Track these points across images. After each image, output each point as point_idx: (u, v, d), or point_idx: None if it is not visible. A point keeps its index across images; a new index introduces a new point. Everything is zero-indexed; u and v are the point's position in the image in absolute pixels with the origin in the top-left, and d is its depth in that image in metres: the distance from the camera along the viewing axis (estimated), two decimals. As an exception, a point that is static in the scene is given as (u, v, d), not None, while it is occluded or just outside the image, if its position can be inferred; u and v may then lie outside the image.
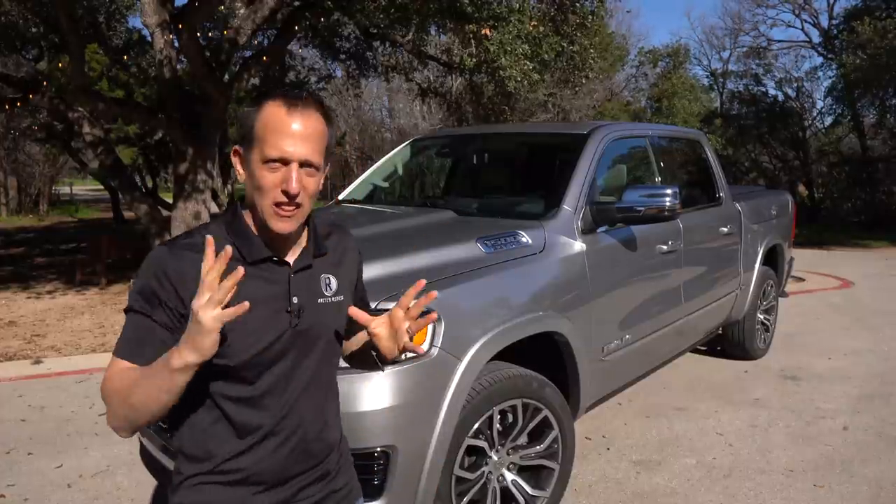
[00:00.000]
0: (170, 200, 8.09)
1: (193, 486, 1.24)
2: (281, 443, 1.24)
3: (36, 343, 5.74)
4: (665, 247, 3.49)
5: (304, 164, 1.16)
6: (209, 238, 1.04)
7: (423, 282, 1.27)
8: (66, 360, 5.21)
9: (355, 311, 1.28)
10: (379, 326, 1.27)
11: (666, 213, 3.01)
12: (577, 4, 7.59)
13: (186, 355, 1.04)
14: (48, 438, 3.67)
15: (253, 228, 1.23)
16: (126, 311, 1.20)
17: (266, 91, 1.18)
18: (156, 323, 1.16)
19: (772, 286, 5.17)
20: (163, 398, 1.09)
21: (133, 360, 1.15)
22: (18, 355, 5.36)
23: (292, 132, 1.14)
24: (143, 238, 8.70)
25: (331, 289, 1.30)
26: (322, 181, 1.26)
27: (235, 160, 1.24)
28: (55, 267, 10.27)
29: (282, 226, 1.18)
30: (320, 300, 1.27)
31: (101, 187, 24.07)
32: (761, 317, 5.08)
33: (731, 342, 5.00)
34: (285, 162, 1.15)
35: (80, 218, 22.09)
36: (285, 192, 1.15)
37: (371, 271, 2.29)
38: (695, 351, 5.14)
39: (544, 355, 2.73)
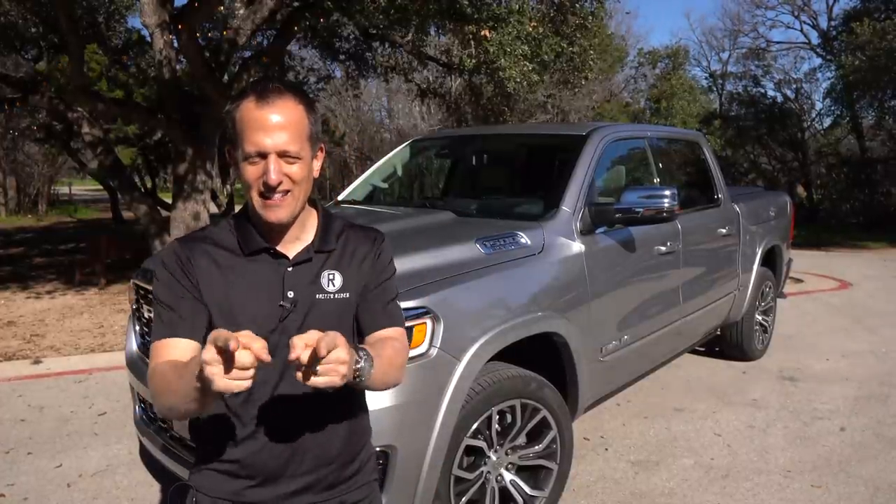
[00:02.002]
0: (169, 201, 8.09)
1: (202, 471, 1.29)
2: (270, 439, 1.24)
3: (35, 343, 5.74)
4: (664, 248, 3.50)
5: (281, 154, 1.17)
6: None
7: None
8: (65, 360, 5.20)
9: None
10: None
11: (664, 215, 3.02)
12: (577, 5, 7.60)
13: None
14: (48, 438, 3.67)
15: (253, 220, 1.26)
16: (153, 300, 1.26)
17: (243, 89, 1.21)
18: (178, 313, 1.22)
19: (770, 287, 5.18)
20: (192, 407, 1.09)
21: (169, 343, 1.21)
22: (18, 355, 5.36)
23: (265, 125, 1.15)
24: (142, 238, 8.70)
25: (334, 285, 1.27)
26: (315, 167, 1.27)
27: (231, 160, 1.26)
28: (54, 267, 10.26)
29: (273, 215, 1.20)
30: (319, 295, 1.25)
31: (100, 187, 24.07)
32: (760, 318, 5.09)
33: (729, 343, 5.01)
34: (263, 155, 1.17)
35: (79, 218, 22.08)
36: (265, 184, 1.17)
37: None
38: (693, 352, 5.15)
39: (543, 356, 2.74)
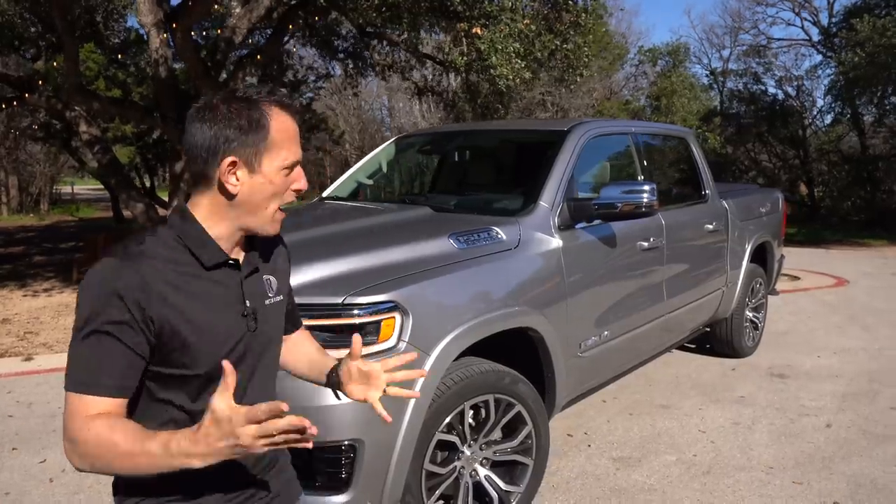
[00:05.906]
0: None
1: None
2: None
3: (28, 340, 5.77)
4: (646, 243, 3.50)
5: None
6: (227, 365, 0.95)
7: (414, 356, 1.40)
8: (56, 357, 5.23)
9: (357, 342, 1.32)
10: (354, 368, 1.33)
11: (643, 210, 3.01)
12: (571, 2, 7.56)
13: (197, 460, 0.97)
14: (33, 434, 3.69)
15: (208, 233, 1.14)
16: (82, 337, 1.04)
17: (257, 94, 1.12)
18: (124, 346, 1.05)
19: (761, 284, 5.17)
20: (152, 471, 1.00)
21: (98, 392, 1.04)
22: (10, 352, 5.39)
23: (296, 135, 1.21)
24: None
25: (273, 290, 1.29)
26: None
27: (231, 172, 1.11)
28: (53, 265, 10.31)
29: (279, 227, 1.23)
30: (267, 301, 1.27)
31: (102, 187, 24.14)
32: (750, 314, 5.07)
33: (718, 340, 4.99)
34: (296, 165, 1.22)
35: (81, 217, 22.16)
36: (297, 191, 1.21)
37: (343, 266, 2.33)
38: (682, 348, 5.15)
39: (521, 352, 2.74)
